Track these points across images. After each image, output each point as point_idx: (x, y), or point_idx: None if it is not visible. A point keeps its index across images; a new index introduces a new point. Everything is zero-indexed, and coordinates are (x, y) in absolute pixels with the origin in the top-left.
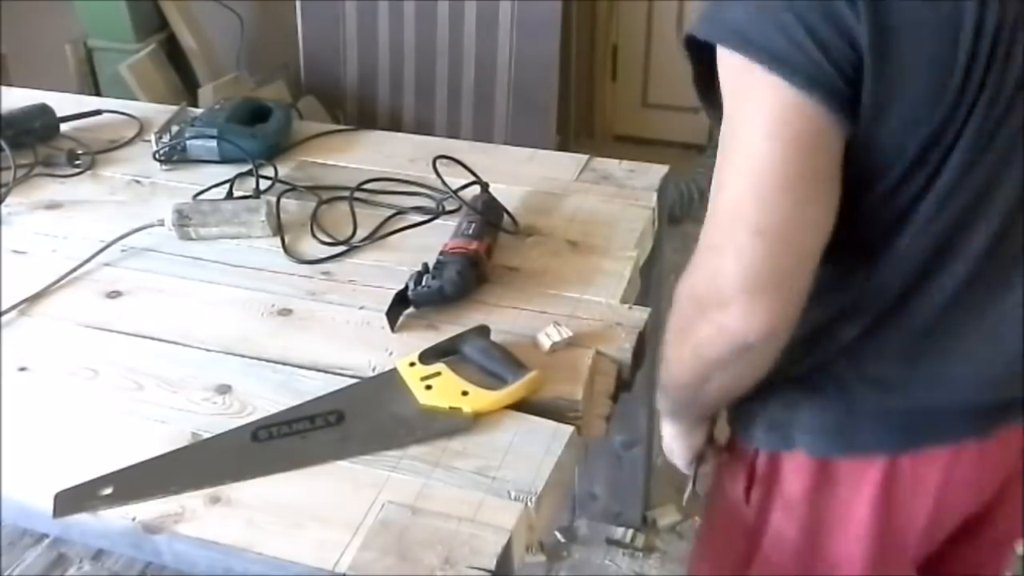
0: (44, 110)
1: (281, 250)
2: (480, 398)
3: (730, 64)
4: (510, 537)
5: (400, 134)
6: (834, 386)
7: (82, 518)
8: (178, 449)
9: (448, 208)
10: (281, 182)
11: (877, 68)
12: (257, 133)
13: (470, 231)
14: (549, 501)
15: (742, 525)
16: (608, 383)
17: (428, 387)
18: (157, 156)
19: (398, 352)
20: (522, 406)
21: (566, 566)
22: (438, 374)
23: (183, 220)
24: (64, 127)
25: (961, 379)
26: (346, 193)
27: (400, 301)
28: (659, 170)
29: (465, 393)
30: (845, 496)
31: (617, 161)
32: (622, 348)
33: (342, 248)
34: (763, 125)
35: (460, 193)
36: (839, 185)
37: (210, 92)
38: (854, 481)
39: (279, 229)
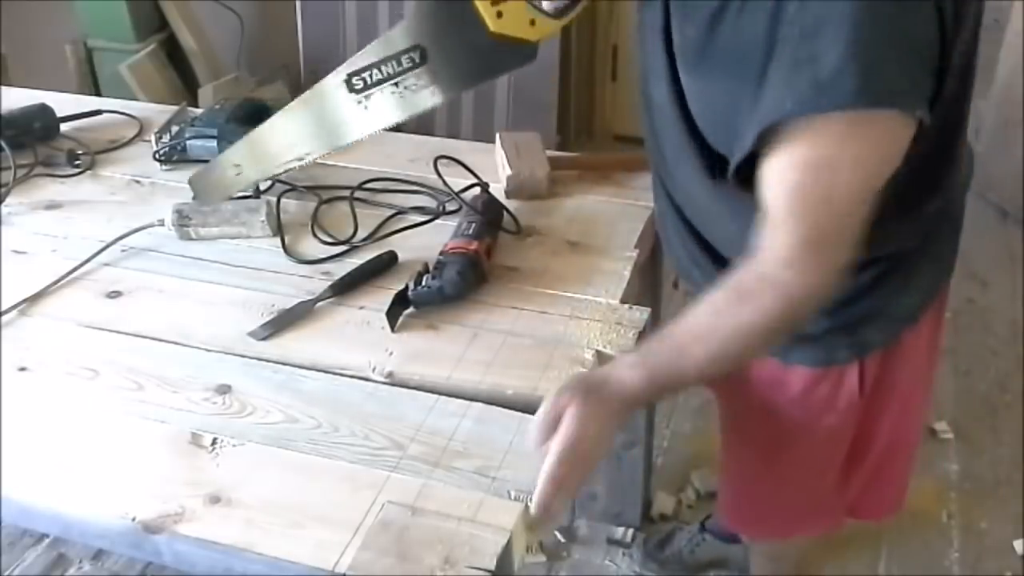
0: (44, 110)
1: (281, 250)
2: (546, 26)
3: (837, 120)
4: (510, 537)
5: (400, 134)
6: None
7: (82, 518)
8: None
9: (448, 208)
10: (281, 182)
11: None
12: None
13: (470, 231)
14: None
15: (851, 423)
16: None
17: (499, 14)
18: (157, 156)
19: (398, 352)
20: (523, 406)
21: (566, 566)
22: None
23: (183, 220)
24: (64, 127)
25: None
26: (346, 193)
27: (400, 301)
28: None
29: (532, 22)
30: None
31: None
32: (622, 348)
33: (342, 248)
34: (874, 161)
35: (461, 194)
36: None
37: (210, 92)
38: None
39: (279, 229)
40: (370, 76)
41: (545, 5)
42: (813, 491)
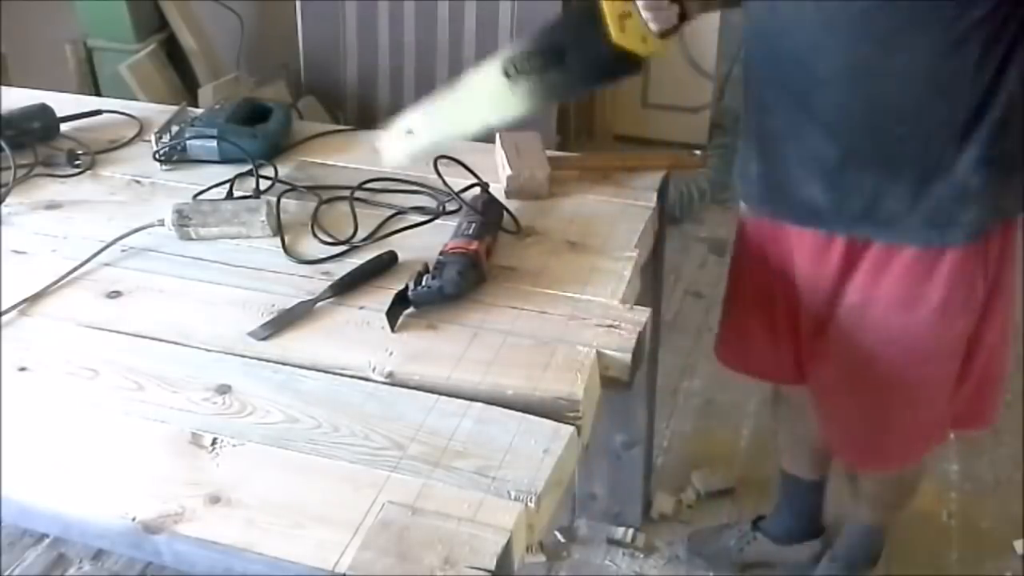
0: (44, 110)
1: (281, 250)
2: (653, 45)
3: None
4: (510, 537)
5: None
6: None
7: (82, 518)
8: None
9: (448, 208)
10: (281, 182)
11: None
12: (257, 133)
13: (470, 231)
14: (549, 501)
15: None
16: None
17: (622, 28)
18: (157, 156)
19: (398, 352)
20: (523, 406)
21: (566, 566)
22: (629, 15)
23: (183, 220)
24: (64, 127)
25: None
26: (346, 193)
27: (400, 301)
28: (658, 170)
29: (644, 40)
30: None
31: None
32: (622, 348)
33: (342, 248)
34: None
35: (461, 194)
36: None
37: (210, 92)
38: None
39: (279, 229)
40: (522, 66)
41: (652, 26)
42: (937, 406)
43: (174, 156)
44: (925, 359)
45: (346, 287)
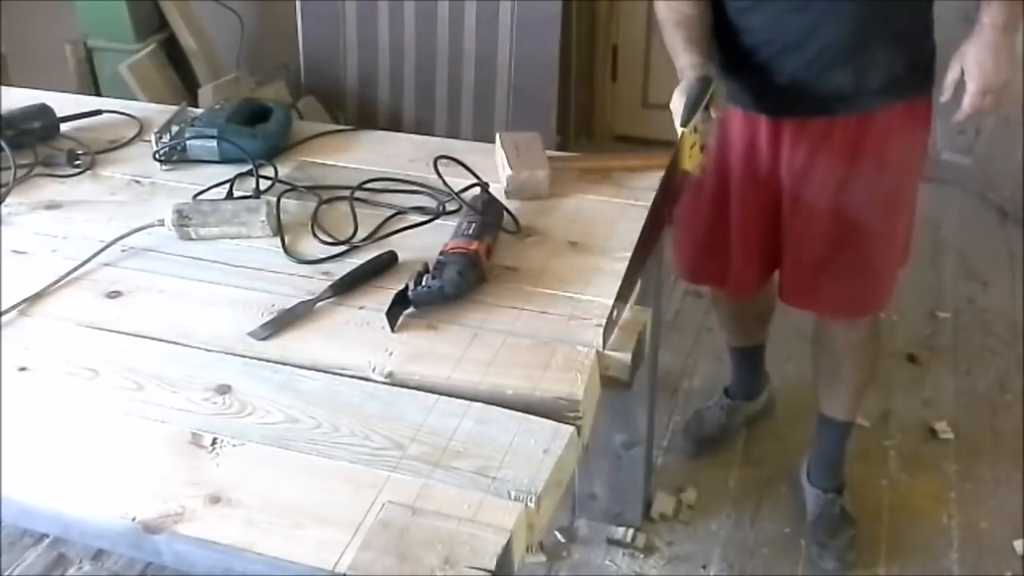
0: (44, 110)
1: (281, 250)
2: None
3: None
4: (510, 537)
5: (400, 134)
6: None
7: (82, 518)
8: None
9: (448, 208)
10: (281, 182)
11: None
12: (257, 133)
13: (470, 231)
14: (549, 501)
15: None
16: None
17: (689, 156)
18: (157, 156)
19: (398, 352)
20: (523, 406)
21: (566, 566)
22: (694, 145)
23: (183, 220)
24: (64, 127)
25: None
26: (346, 193)
27: (400, 301)
28: (659, 170)
29: (696, 158)
30: None
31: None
32: (622, 348)
33: (342, 248)
34: None
35: (461, 194)
36: None
37: (210, 92)
38: None
39: (279, 229)
40: None
41: (701, 144)
42: (904, 239)
43: (174, 156)
44: (906, 200)
45: (346, 287)
